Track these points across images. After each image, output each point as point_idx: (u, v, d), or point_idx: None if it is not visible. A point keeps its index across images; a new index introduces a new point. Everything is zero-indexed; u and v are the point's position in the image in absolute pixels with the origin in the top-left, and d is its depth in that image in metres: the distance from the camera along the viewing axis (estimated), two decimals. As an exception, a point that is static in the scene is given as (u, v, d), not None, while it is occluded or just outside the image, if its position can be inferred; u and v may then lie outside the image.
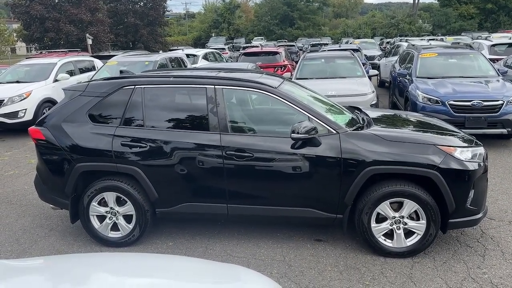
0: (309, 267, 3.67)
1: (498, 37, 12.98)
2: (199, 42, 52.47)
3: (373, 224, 3.72)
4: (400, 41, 15.73)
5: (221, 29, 57.33)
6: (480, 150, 3.83)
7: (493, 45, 11.80)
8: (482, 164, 3.72)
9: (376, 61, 17.04)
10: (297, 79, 8.54)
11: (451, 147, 3.64)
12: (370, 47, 22.51)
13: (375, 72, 9.38)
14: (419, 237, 3.69)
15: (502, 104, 6.73)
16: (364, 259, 3.76)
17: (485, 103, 6.73)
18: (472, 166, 3.61)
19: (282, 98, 3.81)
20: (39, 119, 4.22)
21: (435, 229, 3.65)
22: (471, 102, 6.77)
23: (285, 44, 30.53)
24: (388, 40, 28.04)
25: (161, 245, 4.15)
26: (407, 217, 3.69)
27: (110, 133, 3.91)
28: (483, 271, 3.52)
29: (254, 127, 4.01)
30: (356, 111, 4.66)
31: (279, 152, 3.71)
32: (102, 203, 4.04)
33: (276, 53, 12.70)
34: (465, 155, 3.66)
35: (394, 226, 3.71)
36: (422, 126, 4.26)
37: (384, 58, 14.60)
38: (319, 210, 3.79)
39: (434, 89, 7.25)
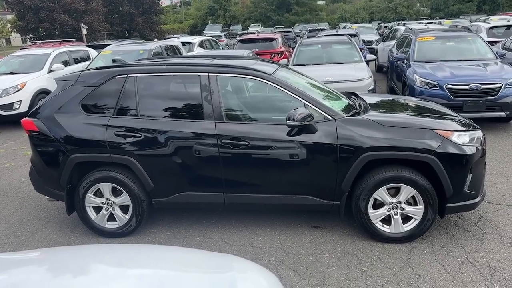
0: (306, 254, 3.66)
1: (497, 20, 12.82)
2: (195, 30, 51.96)
3: (370, 210, 3.70)
4: (398, 25, 15.53)
5: (217, 16, 56.76)
6: (478, 133, 3.79)
7: (492, 28, 11.67)
8: (480, 148, 3.69)
9: (374, 46, 16.87)
10: (293, 65, 8.46)
11: (448, 131, 3.61)
12: (368, 32, 22.27)
13: (373, 56, 9.28)
14: (416, 222, 3.68)
15: (501, 87, 6.67)
16: (361, 245, 3.75)
17: (483, 86, 6.67)
18: (469, 150, 3.58)
19: (277, 85, 3.75)
20: (32, 110, 4.17)
21: (433, 214, 3.63)
22: (469, 86, 6.71)
23: (281, 30, 30.23)
24: (386, 24, 27.76)
25: (158, 234, 4.14)
26: (404, 203, 3.67)
27: (103, 123, 3.86)
28: (481, 255, 3.51)
29: (249, 114, 3.96)
30: (353, 96, 4.60)
31: (275, 139, 3.67)
32: (98, 194, 4.02)
33: (272, 39, 12.56)
34: (463, 139, 3.62)
35: (392, 211, 3.69)
36: (419, 111, 4.22)
37: (382, 43, 14.46)
38: (316, 197, 3.77)
39: (432, 73, 7.19)
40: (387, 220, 3.75)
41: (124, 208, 4.03)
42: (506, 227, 3.93)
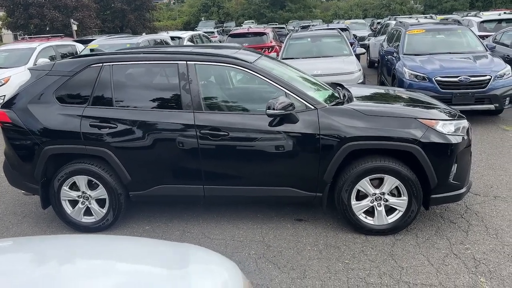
0: (288, 247, 3.56)
1: (488, 14, 12.80)
2: (189, 27, 51.63)
3: (353, 201, 3.60)
4: (389, 19, 15.45)
5: (211, 13, 56.46)
6: (464, 123, 3.70)
7: (483, 22, 11.61)
8: (465, 137, 3.60)
9: (366, 42, 16.78)
10: (283, 59, 8.34)
11: (432, 120, 3.51)
12: (361, 27, 22.20)
13: (362, 50, 9.19)
14: (400, 213, 3.59)
15: (490, 79, 6.61)
16: (344, 237, 3.65)
17: (473, 79, 6.60)
18: (454, 139, 3.49)
19: (258, 73, 3.63)
20: (5, 101, 4.02)
21: (417, 205, 3.54)
22: (458, 78, 6.64)
23: (274, 27, 30.08)
24: (379, 21, 27.65)
25: (137, 229, 4.02)
26: (388, 194, 3.57)
27: (78, 114, 3.73)
28: (466, 246, 3.43)
29: (230, 104, 3.84)
30: (338, 87, 4.50)
31: (256, 130, 3.56)
32: (74, 187, 3.88)
33: (263, 33, 12.43)
34: (448, 128, 3.53)
35: (375, 203, 3.59)
36: (404, 101, 4.12)
37: (373, 38, 14.38)
38: (298, 188, 3.67)
39: (421, 65, 7.11)
40: (370, 212, 3.65)
41: (100, 202, 3.90)
42: (492, 218, 3.85)
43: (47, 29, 29.41)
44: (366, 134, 3.44)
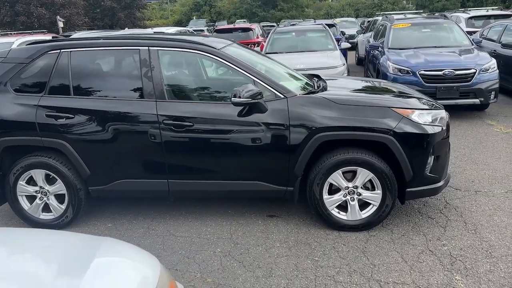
0: (256, 244, 3.36)
1: (476, 10, 12.74)
2: (180, 26, 51.31)
3: (325, 195, 3.41)
4: (377, 16, 15.33)
5: (203, 12, 56.11)
6: (441, 113, 3.52)
7: (471, 18, 11.51)
8: (443, 128, 3.42)
9: (356, 40, 16.63)
10: (267, 53, 8.15)
11: (407, 109, 3.33)
12: (351, 26, 22.09)
13: (348, 44, 9.02)
14: (374, 208, 3.41)
15: (475, 72, 6.46)
16: (316, 233, 3.46)
17: (457, 72, 6.45)
18: (431, 129, 3.31)
19: (224, 60, 3.43)
20: (-42, 91, 3.77)
21: (392, 199, 3.36)
22: (443, 71, 6.48)
23: (266, 25, 29.91)
24: (369, 19, 27.59)
25: (99, 226, 3.79)
26: (361, 187, 3.39)
27: (34, 103, 3.50)
28: (442, 243, 3.25)
29: (196, 93, 3.64)
30: (314, 78, 4.31)
31: (223, 120, 3.36)
32: (31, 182, 3.65)
33: (249, 29, 12.23)
34: (424, 118, 3.35)
35: (348, 197, 3.41)
36: (381, 90, 3.94)
37: (361, 35, 14.23)
38: (268, 182, 3.47)
39: (405, 59, 6.95)
40: (343, 207, 3.47)
41: (60, 198, 3.67)
42: (472, 213, 3.68)
43: (36, 26, 28.95)
44: (337, 124, 3.25)
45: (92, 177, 3.55)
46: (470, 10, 11.69)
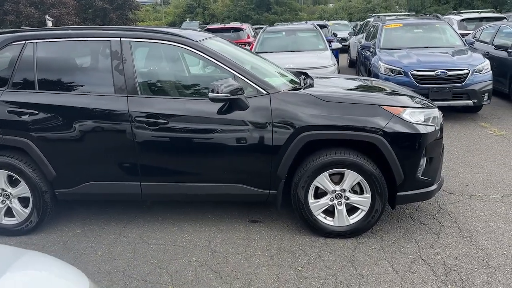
0: (235, 253, 3.10)
1: (468, 12, 12.65)
2: (174, 27, 50.98)
3: (310, 199, 3.17)
4: (369, 17, 15.19)
5: (196, 14, 55.90)
6: (435, 112, 3.30)
7: (463, 20, 11.40)
8: (436, 128, 3.19)
9: (348, 42, 16.46)
10: (256, 53, 7.91)
11: (398, 108, 3.11)
12: (343, 29, 21.94)
13: (339, 45, 8.83)
14: (363, 213, 3.17)
15: (468, 73, 6.28)
16: (301, 241, 3.21)
17: (450, 73, 6.26)
18: (423, 129, 3.08)
19: (202, 53, 3.18)
20: None
21: (381, 203, 3.12)
22: (435, 72, 6.29)
23: (257, 27, 29.72)
24: (362, 22, 27.57)
25: (66, 232, 3.51)
26: (349, 191, 3.15)
27: (-6, 99, 3.22)
28: (436, 251, 3.02)
29: (171, 88, 3.38)
30: (302, 75, 4.07)
31: (200, 117, 3.11)
32: (-7, 184, 3.36)
33: (239, 29, 12.01)
34: (416, 117, 3.12)
35: (335, 201, 3.17)
36: (370, 88, 3.72)
37: (353, 37, 14.08)
38: (249, 185, 3.22)
39: (397, 59, 6.76)
40: (330, 212, 3.22)
41: (23, 201, 3.39)
42: (466, 219, 3.45)
43: (25, 25, 28.50)
44: (323, 123, 3.01)
45: (59, 178, 3.28)
46: (462, 12, 11.58)
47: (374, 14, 15.34)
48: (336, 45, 8.61)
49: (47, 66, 3.26)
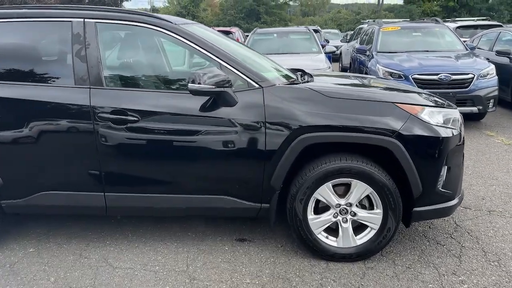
0: (219, 280, 2.54)
1: (463, 19, 12.45)
2: (162, 35, 50.47)
3: (310, 215, 2.64)
4: (362, 24, 14.91)
5: (185, 22, 55.58)
6: (455, 114, 2.81)
7: (458, 27, 11.13)
8: (458, 132, 2.71)
9: (339, 51, 16.14)
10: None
11: (415, 106, 2.62)
12: (334, 37, 21.73)
13: (333, 48, 8.41)
14: (373, 232, 2.65)
15: (473, 78, 5.88)
16: (299, 265, 2.67)
17: (454, 77, 5.85)
18: (444, 132, 2.59)
19: (182, 37, 2.65)
20: None
21: (395, 221, 2.61)
22: (438, 76, 5.88)
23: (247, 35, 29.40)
24: (352, 32, 27.51)
25: (17, 252, 2.90)
26: (356, 205, 2.63)
27: None
28: (460, 279, 2.51)
29: (145, 79, 2.84)
30: (298, 72, 3.57)
31: (178, 115, 2.58)
32: None
33: (228, 32, 11.53)
34: (436, 118, 2.63)
35: (340, 217, 2.64)
36: (379, 85, 3.23)
37: (345, 44, 13.75)
38: (237, 198, 2.68)
39: (397, 63, 6.34)
40: (333, 230, 2.70)
41: (-38, 214, 2.79)
42: (490, 239, 2.96)
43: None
44: (326, 123, 2.50)
45: (5, 188, 2.69)
46: (458, 20, 11.34)
47: (368, 20, 15.08)
48: (330, 48, 8.19)
49: (-7, 51, 2.70)
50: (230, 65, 2.62)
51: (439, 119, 2.65)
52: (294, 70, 3.64)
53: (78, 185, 2.69)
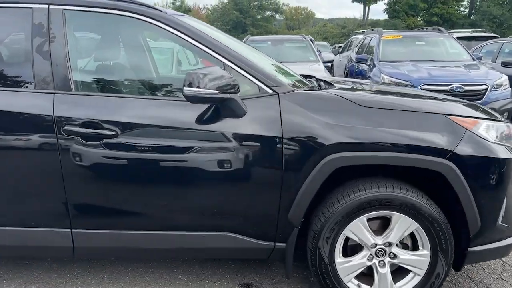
0: None
1: (458, 31, 12.27)
2: (147, 46, 49.98)
3: (339, 258, 2.06)
4: (355, 35, 14.65)
5: (171, 34, 55.26)
6: (504, 127, 2.27)
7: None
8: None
9: (328, 64, 15.78)
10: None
11: (471, 119, 2.08)
12: (323, 49, 21.40)
13: (331, 56, 7.97)
14: (418, 279, 2.09)
15: (486, 89, 5.47)
16: (323, 322, 2.08)
17: (467, 88, 5.43)
18: (505, 153, 2.06)
19: (175, 29, 2.07)
20: None
21: (446, 264, 2.06)
22: (450, 87, 5.44)
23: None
24: (340, 44, 27.40)
25: (-46, 305, 2.24)
26: (397, 245, 2.07)
27: None
28: None
29: (126, 82, 2.24)
30: (308, 79, 3.02)
31: (170, 128, 1.99)
32: None
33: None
34: (492, 134, 2.11)
35: (375, 260, 2.07)
36: (407, 93, 2.69)
37: (338, 55, 13.37)
38: (243, 235, 2.09)
39: (404, 72, 5.89)
40: (367, 276, 2.12)
41: None
42: (549, 281, 2.43)
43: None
44: (363, 139, 1.94)
45: None
46: (453, 32, 11.12)
47: (361, 31, 14.80)
48: (328, 56, 7.73)
49: None
50: (236, 65, 2.05)
51: (495, 135, 2.13)
52: (304, 77, 3.09)
53: (36, 219, 2.05)
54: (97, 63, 2.32)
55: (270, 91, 2.03)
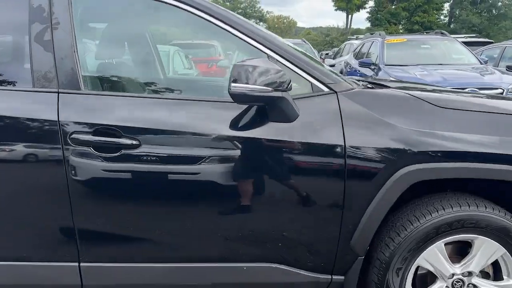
0: None
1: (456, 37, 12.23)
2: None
3: (411, 293, 1.70)
4: (349, 40, 14.46)
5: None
6: None
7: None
8: None
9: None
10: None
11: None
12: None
13: (332, 61, 7.70)
14: (502, 315, 1.74)
15: (502, 93, 5.26)
16: None
17: (482, 92, 5.17)
18: None
19: (208, 14, 1.68)
20: None
21: (536, 297, 1.71)
22: (465, 91, 5.18)
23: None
24: (326, 52, 27.32)
25: None
26: (478, 275, 1.72)
27: None
28: None
29: (148, 79, 1.85)
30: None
31: (201, 135, 1.58)
32: None
33: (210, 46, 10.66)
34: None
35: (454, 294, 1.72)
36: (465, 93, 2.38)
37: (332, 60, 13.19)
38: (294, 267, 1.70)
39: (414, 76, 5.66)
40: (441, 312, 1.76)
41: None
42: None
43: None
44: (449, 148, 1.59)
45: None
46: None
47: (355, 36, 14.66)
48: (329, 61, 7.45)
49: None
50: (285, 58, 1.68)
51: None
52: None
53: (37, 251, 1.63)
54: (112, 55, 1.92)
55: (326, 89, 1.66)
